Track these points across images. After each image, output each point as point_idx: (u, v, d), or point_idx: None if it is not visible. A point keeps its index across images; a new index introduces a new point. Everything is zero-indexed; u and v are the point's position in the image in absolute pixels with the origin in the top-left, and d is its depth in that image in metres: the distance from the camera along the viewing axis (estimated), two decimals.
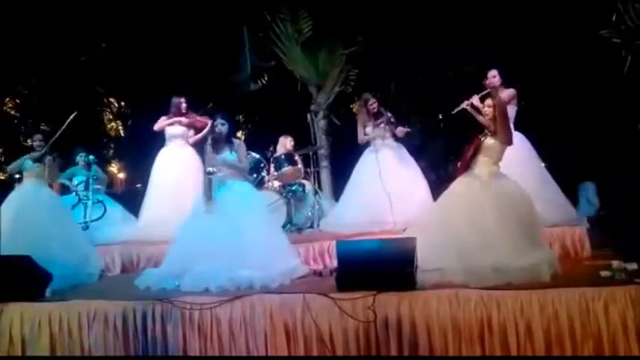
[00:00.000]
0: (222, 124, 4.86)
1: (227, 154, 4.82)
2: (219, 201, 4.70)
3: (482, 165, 4.31)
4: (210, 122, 6.28)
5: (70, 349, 3.97)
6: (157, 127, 6.49)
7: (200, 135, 6.47)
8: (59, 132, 5.37)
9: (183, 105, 6.49)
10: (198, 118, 6.45)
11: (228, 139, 4.87)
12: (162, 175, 6.38)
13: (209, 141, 4.88)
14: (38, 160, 5.26)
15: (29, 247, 4.50)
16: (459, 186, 4.37)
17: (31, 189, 5.27)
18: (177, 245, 4.73)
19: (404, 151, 6.13)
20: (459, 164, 4.41)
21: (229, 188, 4.77)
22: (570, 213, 5.43)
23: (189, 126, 6.50)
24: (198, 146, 6.46)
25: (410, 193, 5.83)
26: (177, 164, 6.39)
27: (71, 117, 5.40)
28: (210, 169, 4.79)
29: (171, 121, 6.44)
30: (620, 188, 7.20)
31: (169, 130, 6.47)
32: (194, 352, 3.85)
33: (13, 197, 5.22)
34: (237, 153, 4.84)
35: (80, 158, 6.75)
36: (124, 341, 3.93)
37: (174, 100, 6.51)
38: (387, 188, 5.64)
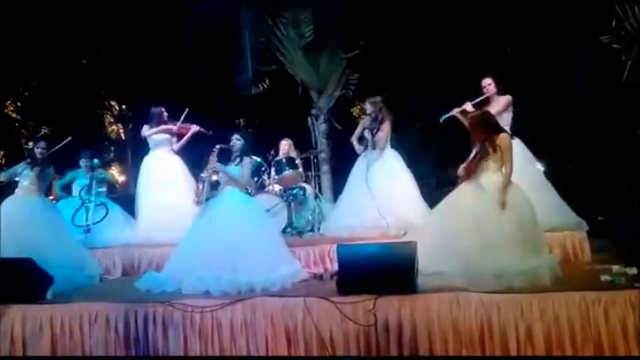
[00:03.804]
0: (238, 140, 4.91)
1: (232, 167, 4.86)
2: (219, 208, 4.72)
3: (487, 171, 4.32)
4: (193, 127, 6.44)
5: (71, 350, 3.97)
6: (145, 134, 6.57)
7: (183, 141, 6.59)
8: (51, 150, 5.46)
9: (165, 114, 6.58)
10: (181, 125, 6.52)
11: (241, 155, 4.89)
12: (154, 180, 6.40)
13: (216, 150, 4.85)
14: (37, 168, 5.27)
15: (20, 253, 4.44)
16: (463, 191, 4.38)
17: (21, 196, 5.27)
18: (179, 252, 4.76)
19: (393, 155, 6.15)
20: (463, 169, 4.42)
21: (228, 196, 4.79)
22: (569, 216, 5.43)
23: (174, 133, 6.58)
24: (182, 152, 6.61)
25: (400, 194, 5.86)
26: (166, 169, 6.47)
27: (65, 141, 5.63)
28: (203, 174, 4.82)
29: (159, 128, 6.50)
30: (620, 193, 7.21)
31: (155, 137, 6.53)
32: (195, 354, 3.85)
33: (4, 206, 5.18)
34: (242, 169, 4.85)
35: (83, 162, 6.75)
36: (125, 343, 3.93)
37: (155, 110, 6.58)
38: (375, 190, 5.69)
